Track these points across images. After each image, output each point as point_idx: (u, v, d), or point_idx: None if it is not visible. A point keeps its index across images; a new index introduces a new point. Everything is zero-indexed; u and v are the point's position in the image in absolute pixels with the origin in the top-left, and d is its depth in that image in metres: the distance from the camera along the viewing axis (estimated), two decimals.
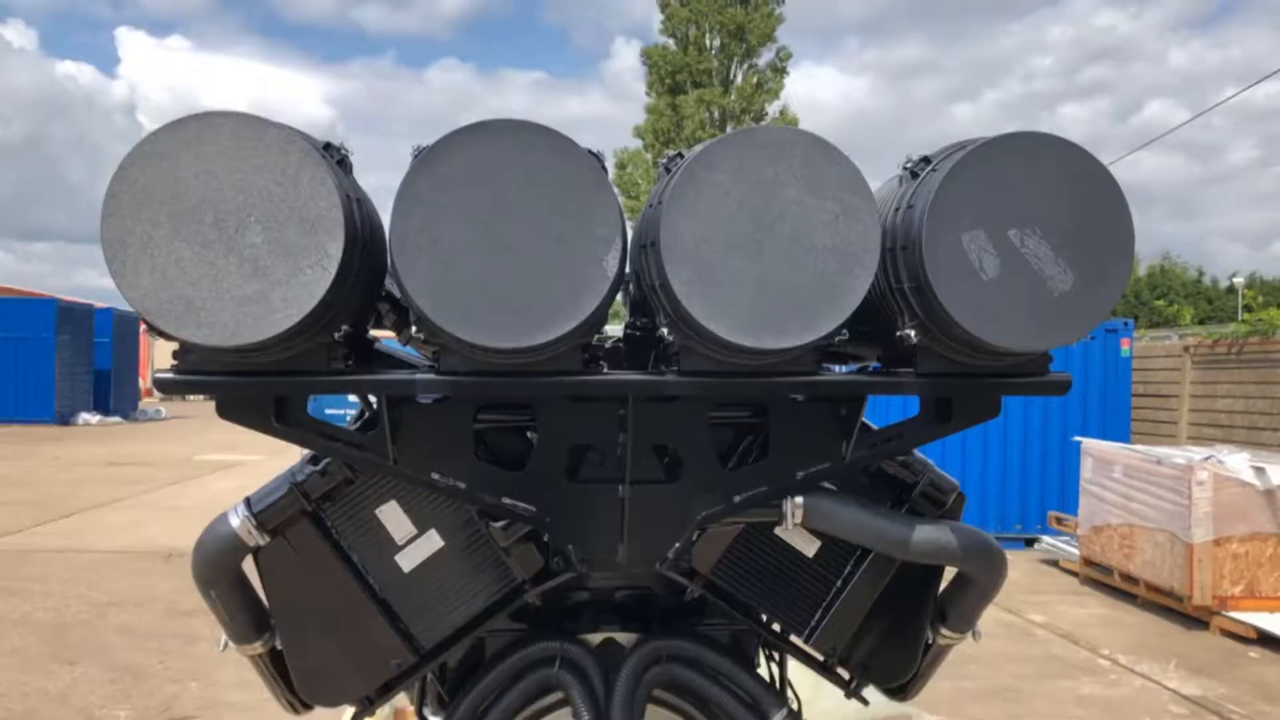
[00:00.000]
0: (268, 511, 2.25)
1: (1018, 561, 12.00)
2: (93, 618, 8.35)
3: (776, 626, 2.53)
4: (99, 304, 32.22)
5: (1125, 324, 13.25)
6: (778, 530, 2.45)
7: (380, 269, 2.12)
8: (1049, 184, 1.97)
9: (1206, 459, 8.92)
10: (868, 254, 1.94)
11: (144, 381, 39.57)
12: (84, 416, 29.50)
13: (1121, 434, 12.63)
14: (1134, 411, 13.47)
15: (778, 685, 2.77)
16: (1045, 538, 12.35)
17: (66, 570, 10.03)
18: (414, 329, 1.95)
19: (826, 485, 2.37)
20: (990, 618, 9.20)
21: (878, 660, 2.54)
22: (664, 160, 2.13)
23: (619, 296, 2.18)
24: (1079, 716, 6.57)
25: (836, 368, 2.62)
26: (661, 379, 2.11)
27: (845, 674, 2.62)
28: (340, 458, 2.21)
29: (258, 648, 2.43)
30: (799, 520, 2.32)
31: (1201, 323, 28.42)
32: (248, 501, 2.27)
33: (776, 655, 2.81)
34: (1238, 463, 8.88)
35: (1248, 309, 16.00)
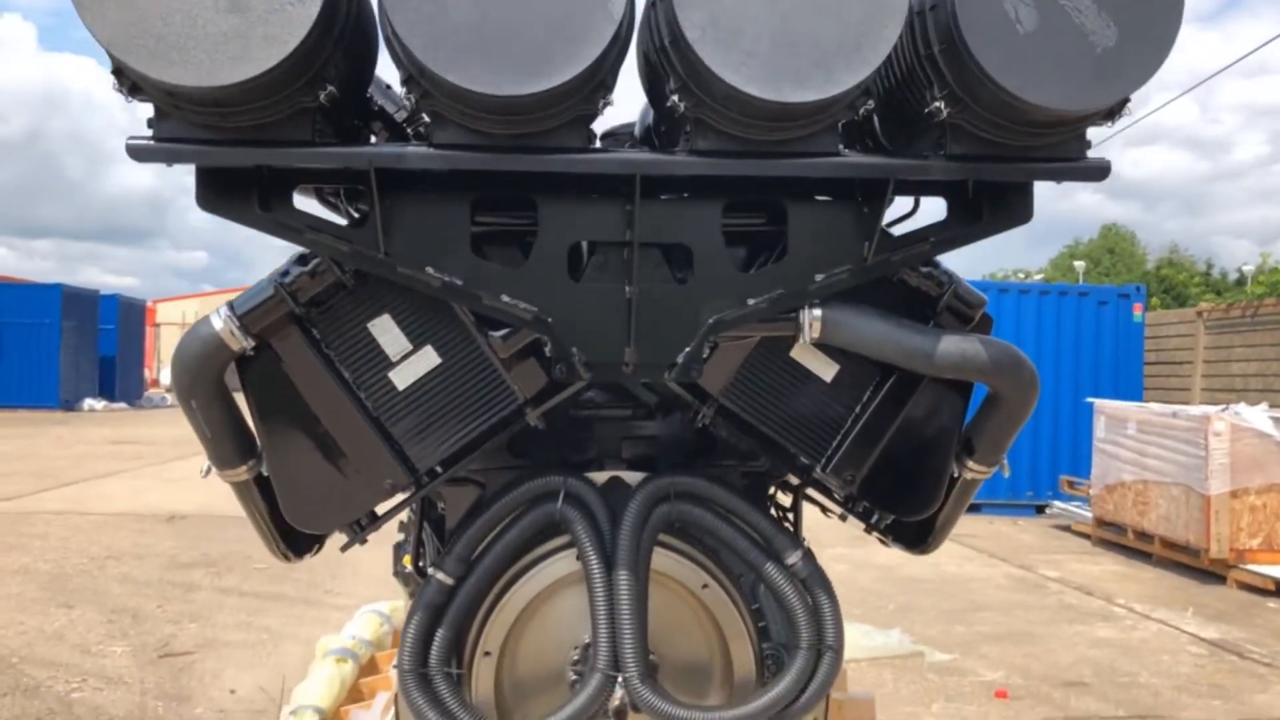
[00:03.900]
0: (253, 313, 2.11)
1: (1029, 528, 11.87)
2: (92, 569, 8.24)
3: (791, 453, 2.37)
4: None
5: (1137, 289, 13.10)
6: (794, 353, 2.31)
7: (371, 37, 1.98)
8: None
9: (1224, 410, 8.76)
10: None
11: (149, 371, 39.58)
12: (89, 402, 29.40)
13: (1134, 400, 12.46)
14: (1146, 380, 13.31)
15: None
16: (1056, 503, 12.19)
17: (67, 529, 9.92)
18: (403, 90, 1.82)
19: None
20: (1001, 572, 9.09)
21: (899, 492, 2.39)
22: None
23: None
24: (1095, 656, 6.41)
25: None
26: (671, 158, 1.97)
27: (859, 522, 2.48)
28: (328, 252, 2.07)
29: (242, 473, 2.29)
30: (816, 334, 2.19)
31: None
32: (231, 304, 2.13)
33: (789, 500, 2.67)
34: (1255, 414, 8.72)
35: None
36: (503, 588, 2.48)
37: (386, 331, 2.22)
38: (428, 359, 2.23)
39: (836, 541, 8.02)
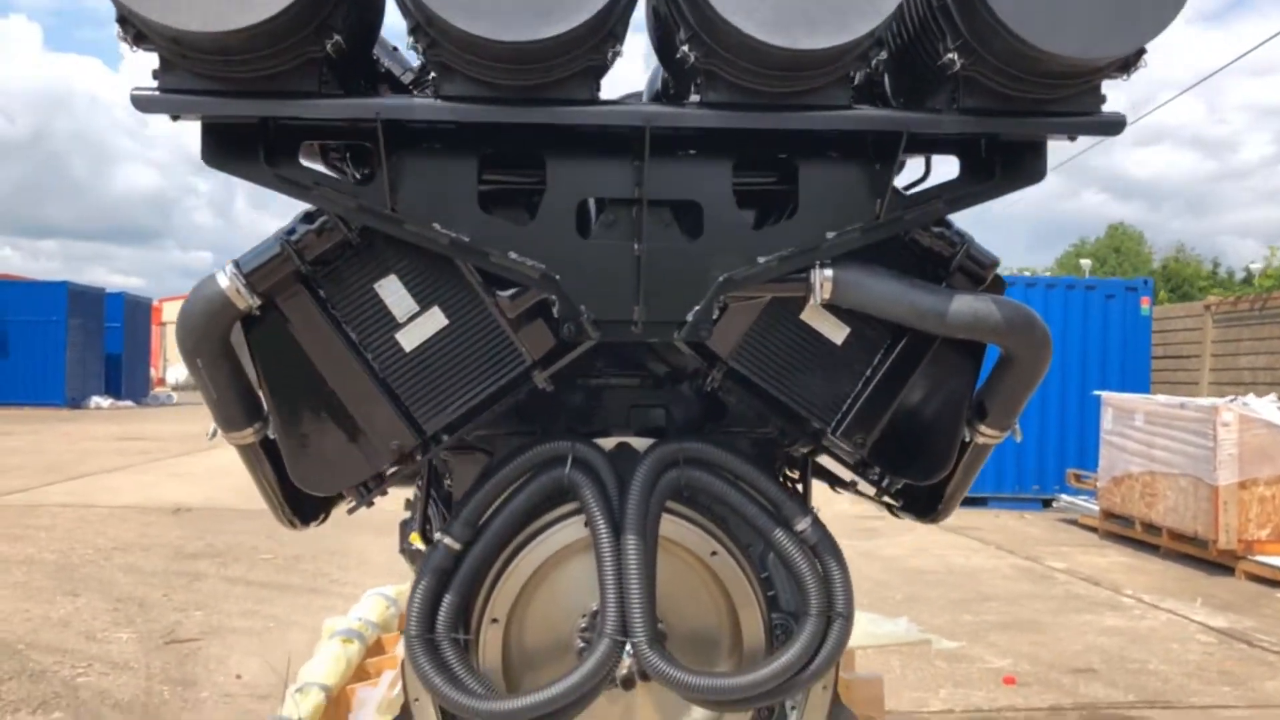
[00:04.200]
0: (259, 271, 2.09)
1: (1035, 521, 11.84)
2: (98, 559, 8.24)
3: (801, 416, 2.35)
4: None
5: (1145, 282, 13.05)
6: (804, 315, 2.29)
7: None
8: None
9: (1232, 400, 8.72)
10: None
11: (155, 370, 39.63)
12: (95, 400, 29.43)
13: (1141, 394, 12.40)
14: (1153, 374, 13.25)
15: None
16: (1063, 496, 12.14)
17: (73, 521, 9.93)
18: (410, 40, 1.80)
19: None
20: (1008, 564, 9.05)
21: (910, 455, 2.37)
22: None
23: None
24: (1103, 644, 6.38)
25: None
26: (682, 109, 1.95)
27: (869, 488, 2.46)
28: (335, 208, 2.05)
29: (248, 435, 2.28)
30: (827, 294, 2.16)
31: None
32: (236, 262, 2.11)
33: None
34: (1264, 404, 8.67)
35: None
36: (510, 554, 2.46)
37: (393, 293, 2.21)
38: (435, 320, 2.22)
39: (842, 533, 7.98)
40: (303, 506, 2.60)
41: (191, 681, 5.31)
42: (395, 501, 3.27)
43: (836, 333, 2.30)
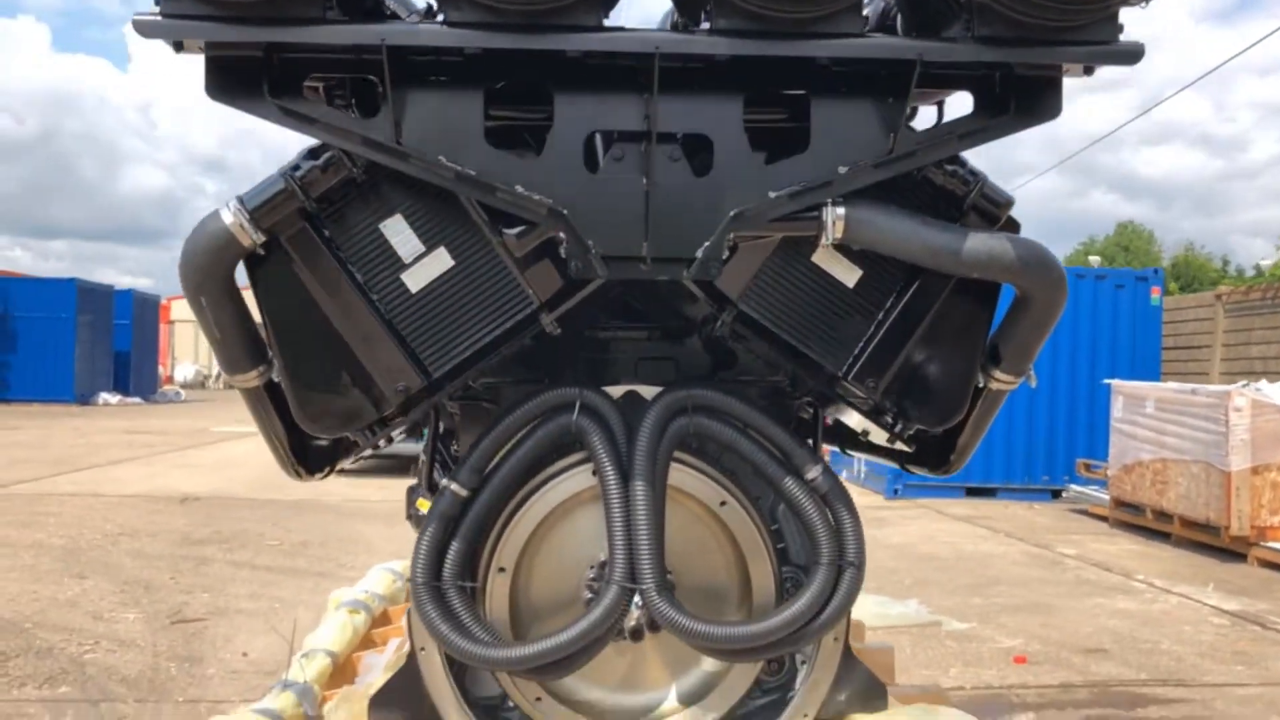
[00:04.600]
0: (263, 207, 2.07)
1: (1045, 511, 11.78)
2: (105, 544, 8.24)
3: (812, 360, 2.31)
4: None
5: (1155, 272, 12.99)
6: (816, 257, 2.26)
7: None
8: None
9: (1245, 385, 8.66)
10: None
11: (163, 368, 39.73)
12: (104, 397, 29.51)
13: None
14: (1164, 364, 13.19)
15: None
16: (1073, 486, 12.08)
17: (81, 509, 9.93)
18: None
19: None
20: (1018, 550, 9.00)
21: (923, 401, 2.34)
22: None
23: None
24: (1114, 626, 6.33)
25: None
26: (691, 36, 1.92)
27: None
28: (340, 141, 2.03)
29: (252, 378, 2.26)
30: (840, 233, 2.13)
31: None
32: (241, 198, 2.09)
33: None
34: (1276, 389, 8.61)
35: None
36: (518, 503, 2.44)
37: (399, 233, 2.18)
38: (441, 261, 2.19)
39: None
40: (309, 456, 2.58)
41: (198, 659, 5.29)
42: (401, 491, 3.24)
43: (849, 275, 2.27)
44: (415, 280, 2.19)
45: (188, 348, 48.70)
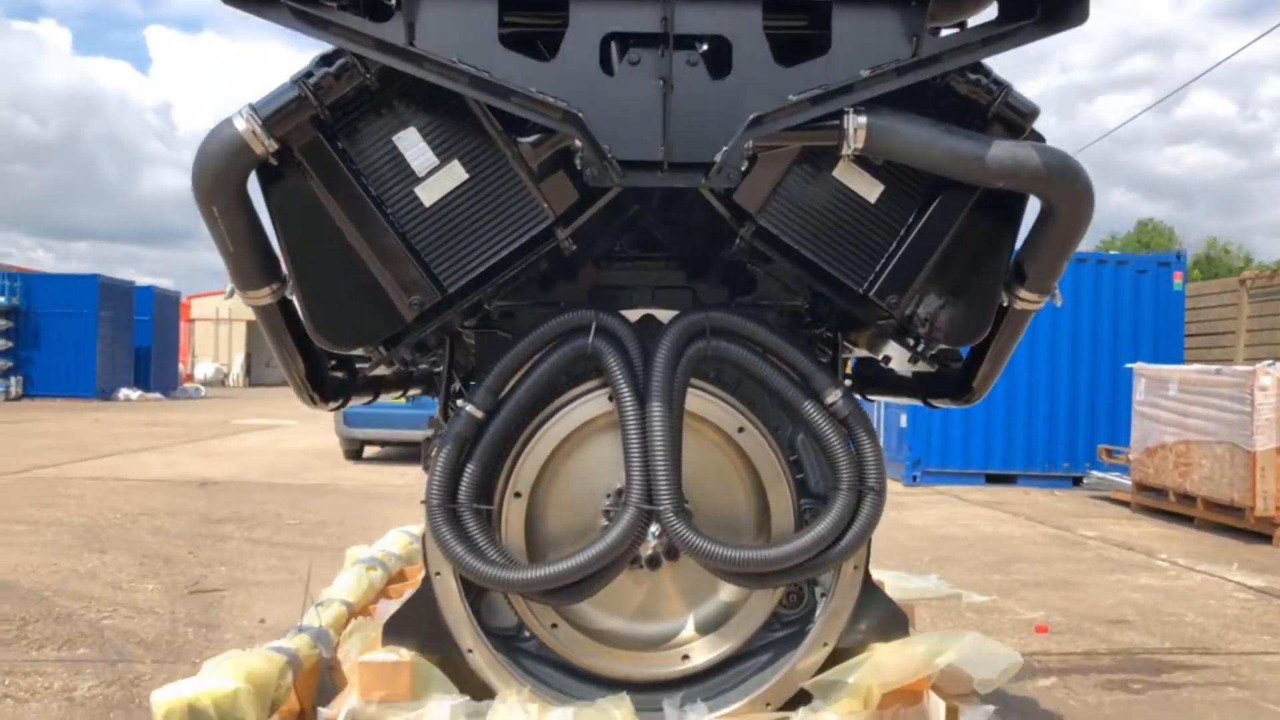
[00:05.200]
0: (276, 114, 2.05)
1: (1066, 498, 11.67)
2: (125, 522, 8.27)
3: (833, 276, 2.27)
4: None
5: (1178, 256, 12.84)
6: (837, 172, 2.22)
7: None
8: None
9: (1270, 364, 8.54)
10: None
11: (184, 365, 39.97)
12: (125, 392, 29.71)
13: None
14: (1186, 351, 13.03)
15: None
16: (1094, 472, 11.95)
17: (102, 492, 9.99)
18: None
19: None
20: (1039, 532, 8.91)
21: (946, 317, 2.29)
22: None
23: None
24: (1137, 599, 6.25)
25: None
26: None
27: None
28: (353, 44, 2.00)
29: (265, 295, 2.24)
30: (860, 143, 2.09)
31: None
32: (253, 105, 2.07)
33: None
34: None
35: None
36: (534, 428, 2.41)
37: (412, 145, 2.16)
38: (454, 174, 2.17)
39: None
40: (324, 385, 2.56)
41: (215, 625, 5.30)
42: (418, 475, 3.22)
43: (870, 190, 2.23)
44: (429, 194, 2.17)
45: (208, 346, 49.03)
